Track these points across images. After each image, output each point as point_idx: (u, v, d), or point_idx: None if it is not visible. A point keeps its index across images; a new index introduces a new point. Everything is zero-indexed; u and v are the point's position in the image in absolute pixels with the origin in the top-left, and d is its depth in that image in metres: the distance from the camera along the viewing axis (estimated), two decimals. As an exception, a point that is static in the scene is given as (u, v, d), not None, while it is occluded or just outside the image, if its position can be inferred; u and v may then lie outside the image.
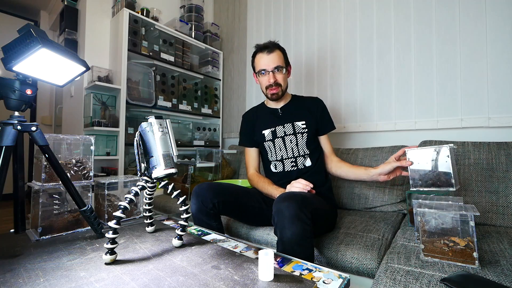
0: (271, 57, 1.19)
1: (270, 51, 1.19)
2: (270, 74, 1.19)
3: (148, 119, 0.74)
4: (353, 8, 1.77)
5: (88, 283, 0.58)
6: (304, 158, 1.21)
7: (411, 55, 1.54)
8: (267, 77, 1.21)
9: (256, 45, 1.25)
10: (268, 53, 1.19)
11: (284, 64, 1.22)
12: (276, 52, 1.20)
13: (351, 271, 0.92)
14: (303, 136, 1.22)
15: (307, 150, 1.22)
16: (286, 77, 1.25)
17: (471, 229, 0.72)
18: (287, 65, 1.26)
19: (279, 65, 1.19)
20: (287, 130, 1.24)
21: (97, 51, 2.04)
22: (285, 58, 1.24)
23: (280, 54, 1.21)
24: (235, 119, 2.56)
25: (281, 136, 1.24)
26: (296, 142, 1.22)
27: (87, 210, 0.86)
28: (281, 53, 1.22)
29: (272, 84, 1.20)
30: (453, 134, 1.40)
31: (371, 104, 1.68)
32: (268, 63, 1.19)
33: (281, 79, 1.21)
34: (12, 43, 0.66)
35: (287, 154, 1.22)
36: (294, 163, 1.21)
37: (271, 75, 1.19)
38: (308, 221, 0.82)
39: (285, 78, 1.23)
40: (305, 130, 1.22)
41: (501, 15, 1.28)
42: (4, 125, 0.72)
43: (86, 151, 1.03)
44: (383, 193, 1.41)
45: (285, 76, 1.24)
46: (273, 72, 1.19)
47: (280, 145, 1.24)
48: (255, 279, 0.59)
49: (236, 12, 2.59)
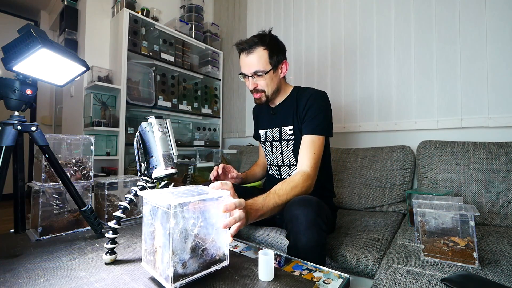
0: (249, 59, 1.00)
1: (249, 52, 1.00)
2: (250, 80, 1.03)
3: (148, 119, 0.74)
4: (353, 9, 1.77)
5: (88, 283, 0.58)
6: (289, 167, 1.10)
7: (411, 55, 1.54)
8: (248, 81, 1.04)
9: (235, 44, 1.05)
10: (247, 54, 1.00)
11: (267, 67, 1.00)
12: (255, 53, 0.99)
13: (351, 271, 0.92)
14: (289, 144, 1.08)
15: (293, 160, 1.08)
16: (274, 80, 1.04)
17: (471, 229, 0.72)
18: (277, 64, 1.03)
19: (257, 70, 0.99)
20: (275, 135, 1.13)
21: (97, 51, 2.04)
22: (271, 57, 1.01)
23: (262, 54, 0.99)
24: (235, 119, 2.56)
25: (270, 141, 1.15)
26: (281, 150, 1.10)
27: (87, 210, 0.87)
28: (265, 52, 1.00)
29: (252, 90, 1.05)
30: (453, 134, 1.40)
31: (371, 104, 1.68)
32: (246, 67, 1.02)
33: (263, 84, 1.02)
34: (12, 43, 0.66)
35: (273, 161, 1.15)
36: (278, 172, 1.13)
37: (251, 81, 1.03)
38: (325, 227, 0.80)
39: (269, 82, 1.03)
40: (291, 137, 1.07)
41: (501, 15, 1.28)
42: (4, 125, 0.72)
43: (86, 151, 1.03)
44: (383, 193, 1.41)
45: (270, 79, 1.03)
46: (252, 77, 1.02)
47: (268, 150, 1.16)
48: (255, 279, 0.59)
49: (236, 12, 2.59)
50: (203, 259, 0.56)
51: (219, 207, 0.59)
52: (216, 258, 0.59)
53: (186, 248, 0.53)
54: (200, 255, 0.55)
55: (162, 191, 0.61)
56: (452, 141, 1.31)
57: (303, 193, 0.88)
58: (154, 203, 0.57)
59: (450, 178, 1.22)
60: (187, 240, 0.53)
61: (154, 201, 0.57)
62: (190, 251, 0.54)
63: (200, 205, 0.56)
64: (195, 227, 0.55)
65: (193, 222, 0.54)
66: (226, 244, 0.61)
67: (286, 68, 1.08)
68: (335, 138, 1.80)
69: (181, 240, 0.52)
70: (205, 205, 0.57)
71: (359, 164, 1.53)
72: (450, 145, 1.29)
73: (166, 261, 0.51)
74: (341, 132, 1.79)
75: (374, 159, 1.49)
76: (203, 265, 0.56)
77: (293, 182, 0.87)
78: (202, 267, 0.56)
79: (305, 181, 0.89)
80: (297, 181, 0.88)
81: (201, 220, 0.56)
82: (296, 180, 0.88)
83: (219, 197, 0.59)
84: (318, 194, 0.96)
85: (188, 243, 0.53)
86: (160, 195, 0.56)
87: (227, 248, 0.61)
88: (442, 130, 1.44)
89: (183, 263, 0.52)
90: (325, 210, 0.86)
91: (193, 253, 0.54)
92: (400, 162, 1.41)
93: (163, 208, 0.54)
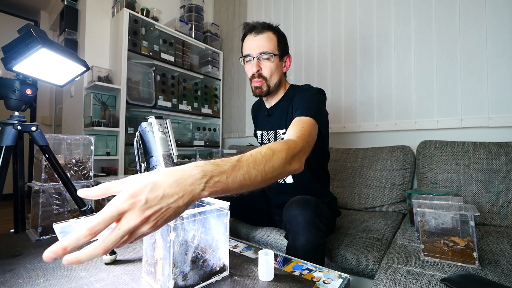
0: (258, 39, 0.94)
1: (258, 32, 0.94)
2: (255, 60, 0.94)
3: (148, 119, 0.74)
4: (353, 9, 1.77)
5: (88, 283, 0.58)
6: None
7: (411, 55, 1.54)
8: (250, 64, 0.96)
9: (243, 24, 0.99)
10: (256, 35, 0.95)
11: (275, 51, 0.95)
12: (265, 34, 0.94)
13: (351, 271, 0.92)
14: None
15: None
16: (278, 68, 0.98)
17: (471, 229, 0.72)
18: (283, 54, 0.99)
19: (265, 50, 0.93)
20: (270, 138, 1.06)
21: (97, 51, 2.04)
22: (279, 44, 0.97)
23: (272, 37, 0.95)
24: (235, 119, 2.56)
25: (266, 144, 1.06)
26: None
27: (87, 210, 0.86)
28: (274, 36, 0.96)
29: (254, 75, 0.96)
30: (453, 134, 1.40)
31: (371, 104, 1.68)
32: (253, 46, 0.95)
33: (268, 69, 0.95)
34: (12, 43, 0.66)
35: None
36: None
37: (255, 62, 0.94)
38: (323, 228, 0.80)
39: (274, 69, 0.96)
40: None
41: (501, 15, 1.28)
42: (4, 125, 0.72)
43: (86, 151, 1.03)
44: (383, 193, 1.41)
45: (276, 66, 0.96)
46: (258, 59, 0.94)
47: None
48: (255, 279, 0.59)
49: (236, 12, 2.59)
50: (203, 271, 0.56)
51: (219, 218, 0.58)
52: (216, 269, 0.58)
53: (186, 260, 0.53)
54: (200, 266, 0.55)
55: None
56: (452, 141, 1.31)
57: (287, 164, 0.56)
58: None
59: (450, 178, 1.22)
60: (188, 252, 0.53)
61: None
62: (190, 263, 0.53)
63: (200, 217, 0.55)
64: (195, 239, 0.54)
65: (193, 234, 0.54)
66: (226, 255, 0.60)
67: (289, 63, 1.04)
68: (335, 138, 1.80)
69: (182, 252, 0.52)
70: (205, 216, 0.56)
71: (359, 164, 1.53)
72: (450, 145, 1.29)
73: (167, 274, 0.51)
74: (341, 132, 1.79)
75: (374, 159, 1.49)
76: (204, 276, 0.56)
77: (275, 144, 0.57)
78: (203, 279, 0.56)
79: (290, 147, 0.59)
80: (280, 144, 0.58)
81: (201, 231, 0.56)
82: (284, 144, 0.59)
83: (221, 208, 0.59)
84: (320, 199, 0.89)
85: (189, 255, 0.53)
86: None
87: (227, 259, 0.60)
88: (442, 130, 1.44)
89: (184, 275, 0.52)
90: (324, 210, 0.86)
91: (193, 265, 0.54)
92: (400, 162, 1.41)
93: None
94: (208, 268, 0.57)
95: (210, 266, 0.57)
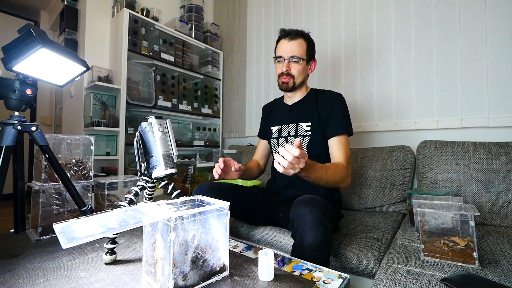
0: (290, 44, 1.11)
1: (292, 38, 1.12)
2: (285, 62, 1.11)
3: (148, 119, 0.74)
4: (353, 9, 1.77)
5: (88, 283, 0.58)
6: None
7: (411, 55, 1.54)
8: (281, 64, 1.13)
9: (280, 30, 1.16)
10: (289, 40, 1.12)
11: (303, 55, 1.12)
12: (297, 41, 1.11)
13: (351, 271, 0.92)
14: (304, 139, 1.13)
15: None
16: (304, 71, 1.15)
17: (471, 229, 0.72)
18: (310, 58, 1.15)
19: (295, 55, 1.10)
20: (291, 130, 1.17)
21: (97, 51, 2.04)
22: (308, 50, 1.13)
23: (303, 44, 1.12)
24: (235, 119, 2.56)
25: (285, 136, 1.18)
26: None
27: (87, 210, 0.87)
28: (304, 43, 1.13)
29: (283, 73, 1.13)
30: (453, 134, 1.40)
31: (371, 104, 1.68)
32: (285, 50, 1.12)
33: (296, 70, 1.12)
34: (12, 43, 0.66)
35: None
36: None
37: (285, 63, 1.11)
38: (330, 227, 0.82)
39: (301, 70, 1.13)
40: (308, 133, 1.12)
41: (501, 15, 1.28)
42: (4, 125, 0.72)
43: (86, 151, 1.03)
44: (383, 193, 1.41)
45: (303, 68, 1.13)
46: (288, 61, 1.11)
47: (282, 145, 1.17)
48: (255, 279, 0.59)
49: (236, 12, 2.59)
50: (203, 271, 0.56)
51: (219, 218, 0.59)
52: (216, 269, 0.58)
53: (186, 260, 0.53)
54: (200, 266, 0.55)
55: (161, 203, 0.60)
56: (452, 141, 1.31)
57: (340, 182, 0.96)
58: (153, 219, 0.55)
59: (450, 178, 1.22)
60: (188, 252, 0.53)
61: (153, 216, 0.54)
62: (190, 263, 0.53)
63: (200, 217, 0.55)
64: (195, 239, 0.54)
65: (193, 234, 0.54)
66: (226, 255, 0.60)
67: (314, 67, 1.19)
68: (335, 138, 1.79)
69: (182, 252, 0.52)
70: (205, 216, 0.56)
71: (359, 164, 1.53)
72: (450, 145, 1.29)
73: (167, 274, 0.51)
74: (341, 132, 1.79)
75: (374, 159, 1.49)
76: (204, 276, 0.56)
77: (339, 168, 0.96)
78: (203, 279, 0.56)
79: (345, 174, 0.98)
80: (342, 169, 0.97)
81: (201, 231, 0.56)
82: (341, 168, 0.97)
83: (220, 208, 0.59)
84: (328, 197, 1.05)
85: (189, 255, 0.53)
86: (160, 208, 0.55)
87: (227, 259, 0.61)
88: (442, 130, 1.44)
89: (184, 275, 0.52)
90: (330, 210, 0.87)
91: (193, 265, 0.54)
92: (400, 162, 1.41)
93: (163, 221, 0.53)
94: (208, 268, 0.57)
95: (210, 266, 0.57)
